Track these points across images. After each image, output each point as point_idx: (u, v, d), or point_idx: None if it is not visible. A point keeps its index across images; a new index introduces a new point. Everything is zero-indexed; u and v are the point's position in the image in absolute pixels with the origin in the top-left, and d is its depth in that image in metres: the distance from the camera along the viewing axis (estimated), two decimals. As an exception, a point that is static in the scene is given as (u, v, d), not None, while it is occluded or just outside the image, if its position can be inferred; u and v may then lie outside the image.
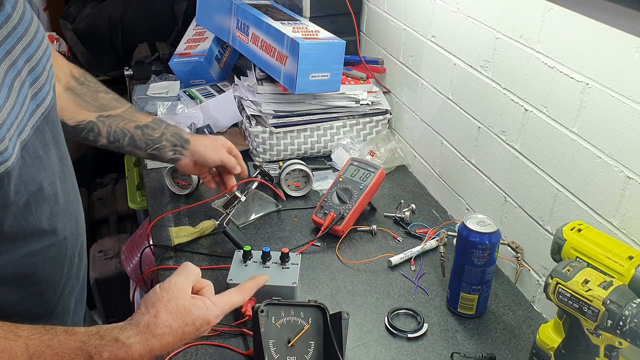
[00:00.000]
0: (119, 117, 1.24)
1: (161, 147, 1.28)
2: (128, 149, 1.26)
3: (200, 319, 0.82)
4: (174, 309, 0.79)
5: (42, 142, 0.85)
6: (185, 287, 0.83)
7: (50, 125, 0.88)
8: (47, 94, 0.87)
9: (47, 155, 0.86)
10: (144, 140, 1.26)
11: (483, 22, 1.28)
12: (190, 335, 0.81)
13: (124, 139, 1.24)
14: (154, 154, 1.28)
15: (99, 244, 2.41)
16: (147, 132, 1.27)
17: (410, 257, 1.33)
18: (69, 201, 0.92)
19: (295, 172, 1.53)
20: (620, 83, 0.95)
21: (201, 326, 0.82)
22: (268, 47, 1.63)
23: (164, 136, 1.29)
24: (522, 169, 1.22)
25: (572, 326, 0.89)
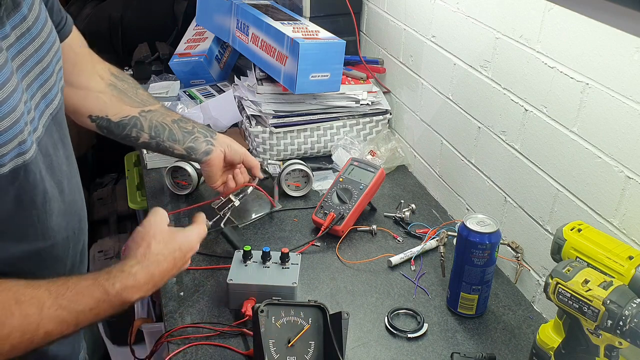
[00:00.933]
0: (157, 112, 1.25)
1: (195, 139, 1.28)
2: (167, 144, 1.26)
3: (185, 244, 0.93)
4: (161, 239, 0.90)
5: (51, 141, 0.87)
6: (163, 222, 0.94)
7: (57, 125, 0.90)
8: (56, 95, 0.89)
9: (56, 154, 0.88)
10: (181, 133, 1.26)
11: (483, 22, 1.28)
12: (180, 262, 0.92)
13: (164, 133, 1.24)
14: (191, 146, 1.27)
15: (99, 244, 2.41)
16: (182, 125, 1.28)
17: (410, 257, 1.33)
18: (74, 200, 0.94)
19: (295, 172, 1.53)
20: (620, 83, 0.95)
21: (187, 251, 0.94)
22: (268, 47, 1.63)
23: (195, 128, 1.29)
24: (522, 169, 1.22)
25: (572, 326, 0.89)
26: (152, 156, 1.64)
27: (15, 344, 0.72)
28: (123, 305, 0.82)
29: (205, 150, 1.29)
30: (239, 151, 1.33)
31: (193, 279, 1.25)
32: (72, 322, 0.77)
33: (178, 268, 0.93)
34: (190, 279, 1.25)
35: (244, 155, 1.34)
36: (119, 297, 0.81)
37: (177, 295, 1.21)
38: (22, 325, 0.73)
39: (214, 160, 1.30)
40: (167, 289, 1.22)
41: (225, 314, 1.16)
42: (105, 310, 0.81)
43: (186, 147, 1.27)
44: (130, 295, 0.82)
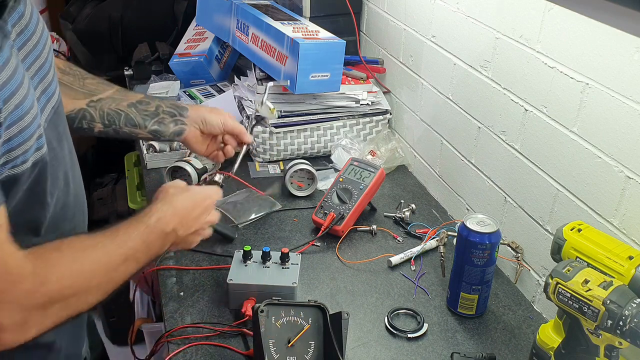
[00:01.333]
0: (110, 98, 1.19)
1: (160, 121, 1.21)
2: (126, 129, 1.20)
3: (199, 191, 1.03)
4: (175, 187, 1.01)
5: (56, 134, 0.87)
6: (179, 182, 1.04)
7: (60, 119, 0.90)
8: (55, 88, 0.90)
9: (61, 147, 0.89)
10: (140, 116, 1.20)
11: (483, 22, 1.28)
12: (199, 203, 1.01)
13: (119, 119, 1.19)
14: (156, 129, 1.22)
15: (99, 244, 2.40)
16: (142, 107, 1.21)
17: (410, 257, 1.33)
18: (78, 193, 0.95)
19: (301, 172, 1.53)
20: (620, 83, 0.95)
21: (204, 197, 1.02)
22: (268, 47, 1.63)
23: (160, 108, 1.22)
24: (522, 169, 1.22)
25: (572, 326, 0.89)
26: (152, 156, 1.64)
27: (100, 282, 0.82)
28: (165, 236, 0.93)
29: (175, 130, 1.23)
30: (215, 123, 1.25)
31: (193, 279, 1.25)
32: (132, 257, 0.87)
33: (200, 209, 1.01)
34: (190, 279, 1.25)
35: (224, 124, 1.26)
36: (158, 227, 0.92)
37: (177, 295, 1.21)
38: (100, 265, 0.82)
39: (189, 139, 1.25)
40: (167, 289, 1.22)
41: (225, 314, 1.16)
42: (153, 242, 0.91)
43: (150, 131, 1.22)
44: (165, 224, 0.93)
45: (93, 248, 0.83)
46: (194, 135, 1.25)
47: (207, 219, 1.03)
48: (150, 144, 1.65)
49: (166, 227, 0.93)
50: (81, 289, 0.79)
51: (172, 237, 0.95)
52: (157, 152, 1.65)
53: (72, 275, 0.78)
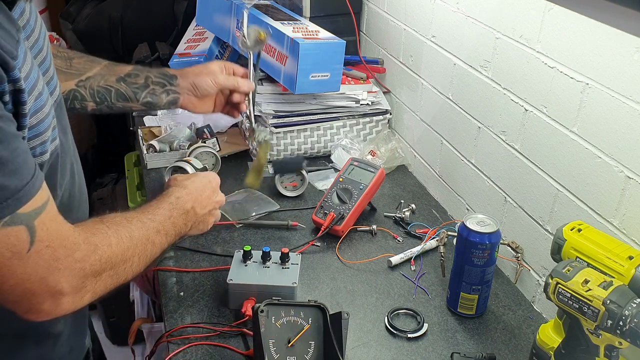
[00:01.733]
0: (98, 75, 1.19)
1: (152, 92, 1.21)
2: (119, 104, 1.20)
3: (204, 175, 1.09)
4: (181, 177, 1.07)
5: (61, 127, 0.88)
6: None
7: (62, 111, 0.92)
8: (57, 82, 0.90)
9: (66, 139, 0.90)
10: (131, 90, 1.20)
11: (483, 22, 1.28)
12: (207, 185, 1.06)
13: (110, 95, 1.19)
14: (149, 101, 1.21)
15: (99, 244, 2.40)
16: (131, 80, 1.21)
17: (410, 257, 1.33)
18: (81, 184, 0.97)
19: (290, 172, 1.53)
20: (620, 83, 0.95)
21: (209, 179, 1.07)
22: (268, 47, 1.63)
23: (149, 79, 1.22)
24: (522, 169, 1.22)
25: (572, 326, 0.89)
26: (152, 156, 1.64)
27: (140, 253, 0.86)
28: (186, 213, 0.99)
29: (169, 100, 1.23)
30: (207, 85, 1.24)
31: (193, 279, 1.25)
32: (163, 231, 0.92)
33: (210, 189, 1.06)
34: (190, 279, 1.25)
35: (216, 83, 1.25)
36: (179, 204, 0.98)
37: (177, 295, 1.21)
38: (139, 236, 0.87)
39: (186, 105, 1.26)
40: (167, 289, 1.22)
41: (225, 314, 1.16)
42: (177, 218, 0.96)
43: (143, 103, 1.21)
44: (184, 202, 0.99)
45: (130, 221, 0.88)
46: (190, 102, 1.25)
47: (217, 198, 1.08)
48: (150, 144, 1.65)
49: (185, 204, 0.99)
50: (126, 256, 0.84)
51: (192, 216, 1.00)
52: (157, 152, 1.65)
53: (118, 244, 0.82)
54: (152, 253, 0.90)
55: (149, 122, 1.84)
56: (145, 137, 1.74)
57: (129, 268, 0.85)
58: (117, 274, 0.83)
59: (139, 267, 0.87)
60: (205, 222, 1.06)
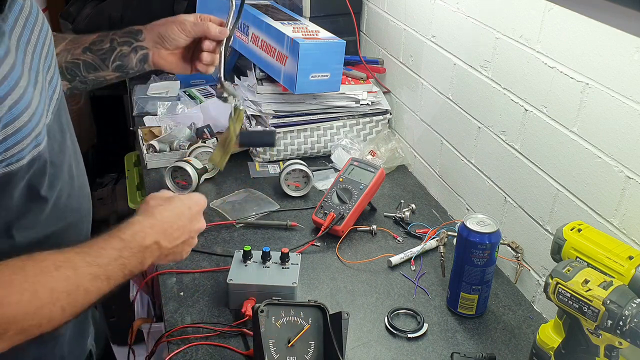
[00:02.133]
0: (64, 51, 1.12)
1: (120, 54, 1.13)
2: (91, 77, 1.13)
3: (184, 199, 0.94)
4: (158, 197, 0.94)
5: (59, 126, 0.87)
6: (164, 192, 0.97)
7: (63, 109, 0.91)
8: (58, 79, 0.89)
9: (64, 138, 0.89)
10: (99, 57, 1.12)
11: (483, 22, 1.28)
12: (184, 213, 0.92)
13: (79, 68, 1.11)
14: (118, 64, 1.13)
15: (99, 244, 2.40)
16: (97, 48, 1.13)
17: (410, 257, 1.33)
18: (83, 183, 0.96)
19: (295, 172, 1.53)
20: (620, 83, 0.95)
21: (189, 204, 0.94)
22: (268, 47, 1.63)
23: (115, 42, 1.13)
24: (522, 169, 1.22)
25: (572, 326, 0.89)
26: (152, 156, 1.64)
27: (64, 305, 0.76)
28: (142, 250, 0.85)
29: (139, 58, 1.14)
30: (174, 34, 1.15)
31: (193, 279, 1.25)
32: (103, 276, 0.80)
33: (186, 218, 0.93)
34: (190, 279, 1.25)
35: (183, 31, 1.15)
36: (134, 241, 0.85)
37: (177, 295, 1.21)
38: (65, 287, 0.76)
39: (158, 62, 1.16)
40: (167, 289, 1.22)
41: (225, 314, 1.16)
42: (129, 259, 0.83)
43: (114, 68, 1.13)
44: (142, 238, 0.86)
45: (59, 268, 0.77)
46: (161, 56, 1.16)
47: (195, 226, 0.95)
48: (150, 144, 1.65)
49: (144, 240, 0.86)
50: (41, 314, 0.74)
51: (154, 251, 0.88)
52: (157, 152, 1.65)
53: (30, 302, 0.72)
54: (86, 300, 0.79)
55: (149, 122, 1.84)
56: (145, 137, 1.74)
57: (47, 323, 0.75)
58: (26, 330, 0.73)
59: (62, 320, 0.77)
60: (176, 253, 0.93)
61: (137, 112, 1.92)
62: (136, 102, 1.94)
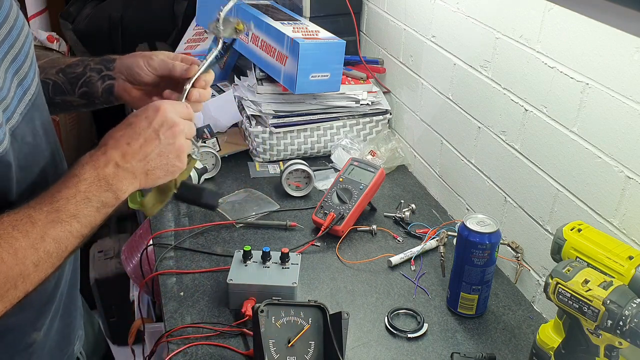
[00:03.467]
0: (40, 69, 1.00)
1: (88, 81, 1.05)
2: (58, 99, 1.05)
3: (148, 109, 0.83)
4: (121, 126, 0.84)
5: (31, 129, 0.84)
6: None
7: (38, 112, 0.87)
8: (32, 80, 0.86)
9: (36, 142, 0.85)
10: (68, 80, 1.05)
11: (483, 22, 1.28)
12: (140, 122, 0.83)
13: (48, 89, 1.04)
14: (84, 91, 1.05)
15: (99, 244, 2.41)
16: (70, 70, 1.06)
17: (410, 257, 1.33)
18: None
19: (297, 172, 1.53)
20: (620, 83, 0.95)
21: (142, 112, 0.83)
22: (268, 47, 1.63)
23: (88, 67, 1.05)
24: (522, 169, 1.22)
25: (572, 326, 0.89)
26: (152, 156, 1.64)
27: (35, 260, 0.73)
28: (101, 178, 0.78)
29: (105, 88, 1.05)
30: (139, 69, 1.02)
31: (193, 279, 1.25)
32: (67, 217, 0.75)
33: (143, 126, 0.83)
34: (190, 279, 1.25)
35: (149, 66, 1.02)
36: (86, 172, 0.78)
37: (177, 295, 1.21)
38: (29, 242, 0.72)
39: (122, 95, 1.05)
40: (167, 289, 1.22)
41: (225, 314, 1.16)
42: (89, 191, 0.77)
43: (80, 95, 1.05)
44: (94, 165, 0.79)
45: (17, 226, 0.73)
46: (124, 89, 1.04)
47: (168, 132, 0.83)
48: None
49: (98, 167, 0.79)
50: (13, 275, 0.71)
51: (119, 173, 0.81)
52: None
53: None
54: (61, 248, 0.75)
55: (149, 122, 1.84)
56: (145, 137, 1.74)
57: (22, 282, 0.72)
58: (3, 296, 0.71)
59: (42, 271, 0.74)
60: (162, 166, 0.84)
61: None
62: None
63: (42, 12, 2.78)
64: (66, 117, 2.69)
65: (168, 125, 0.84)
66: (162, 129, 0.83)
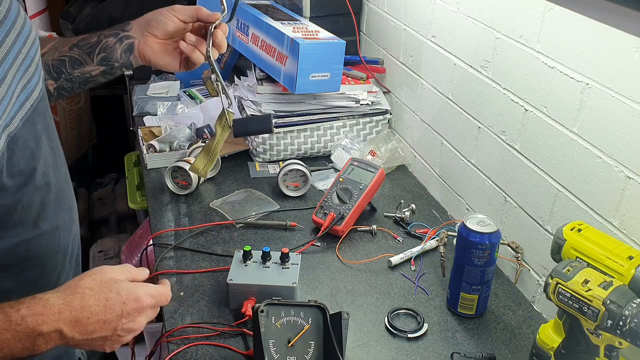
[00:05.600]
0: (52, 49, 1.08)
1: (105, 46, 1.07)
2: (77, 73, 1.08)
3: (125, 290, 0.80)
4: (98, 278, 0.80)
5: (33, 133, 0.85)
6: (116, 273, 0.83)
7: (40, 116, 0.87)
8: (36, 85, 0.87)
9: (38, 146, 0.86)
10: (84, 52, 1.07)
11: (483, 22, 1.28)
12: (116, 308, 0.79)
13: (65, 65, 1.07)
14: (103, 56, 1.07)
15: (99, 244, 2.41)
16: (83, 43, 1.08)
17: (410, 257, 1.33)
18: (62, 190, 0.93)
19: (293, 172, 1.53)
20: (620, 83, 0.95)
21: (128, 299, 0.80)
22: (268, 47, 1.63)
23: (102, 35, 1.08)
24: (522, 169, 1.22)
25: (572, 326, 0.89)
26: (152, 156, 1.64)
27: None
28: (31, 337, 0.73)
29: (124, 48, 1.07)
30: (165, 17, 1.07)
31: (193, 279, 1.25)
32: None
33: (114, 315, 0.79)
34: (190, 279, 1.25)
35: (175, 13, 1.08)
36: (23, 324, 0.72)
37: (177, 295, 1.21)
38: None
39: (145, 52, 1.08)
40: (167, 289, 1.22)
41: (225, 314, 1.16)
42: (9, 342, 0.72)
43: (99, 61, 1.07)
44: (38, 323, 0.73)
45: None
46: (148, 44, 1.07)
47: (125, 325, 0.81)
48: (150, 144, 1.65)
49: (39, 326, 0.73)
50: None
51: (54, 339, 0.75)
52: (157, 152, 1.65)
53: None
54: None
55: (149, 122, 1.85)
56: (145, 137, 1.74)
57: None
58: None
59: None
60: (91, 345, 0.79)
61: (137, 112, 1.92)
62: (136, 102, 1.94)
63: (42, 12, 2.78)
64: (66, 117, 2.69)
65: (129, 329, 0.82)
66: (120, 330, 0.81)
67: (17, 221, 0.84)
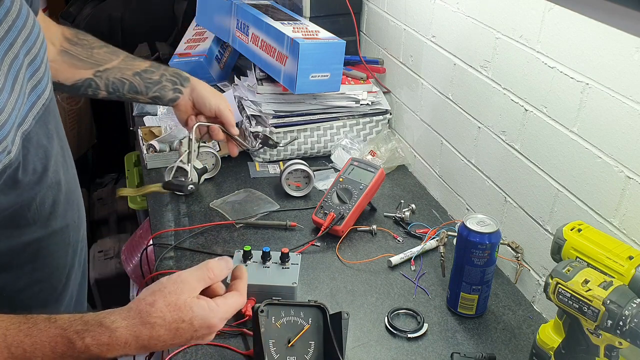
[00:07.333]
0: (116, 68, 1.25)
1: (162, 88, 1.29)
2: (129, 96, 1.27)
3: (199, 319, 0.75)
4: (172, 302, 0.74)
5: (45, 132, 0.87)
6: (195, 286, 0.78)
7: (52, 115, 0.90)
8: (47, 85, 0.88)
9: (51, 145, 0.88)
10: (143, 84, 1.27)
11: (483, 22, 1.28)
12: (186, 335, 0.75)
13: (124, 87, 1.25)
14: (156, 95, 1.29)
15: (99, 244, 2.41)
16: (146, 76, 1.28)
17: (410, 257, 1.33)
18: (71, 189, 0.95)
19: (296, 172, 1.53)
20: (620, 83, 0.95)
21: (200, 327, 0.76)
22: (268, 47, 1.63)
23: (164, 77, 1.30)
24: (522, 169, 1.22)
25: (572, 326, 0.89)
26: (152, 156, 1.64)
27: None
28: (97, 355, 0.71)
29: (172, 98, 1.31)
30: (210, 104, 1.32)
31: (193, 279, 1.25)
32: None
33: (184, 340, 0.76)
34: (190, 279, 1.25)
35: (216, 109, 1.32)
36: (87, 353, 0.70)
37: (177, 295, 1.21)
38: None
39: (179, 106, 1.33)
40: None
41: (225, 314, 1.16)
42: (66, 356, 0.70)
43: (151, 97, 1.29)
44: (103, 352, 0.71)
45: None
46: (185, 105, 1.33)
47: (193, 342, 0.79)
48: (150, 144, 1.65)
49: (106, 354, 0.72)
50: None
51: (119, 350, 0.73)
52: (157, 152, 1.65)
53: None
54: None
55: (149, 122, 1.85)
56: (145, 137, 1.74)
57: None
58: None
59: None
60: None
61: (137, 112, 1.92)
62: (136, 102, 1.94)
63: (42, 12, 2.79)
64: (66, 117, 2.69)
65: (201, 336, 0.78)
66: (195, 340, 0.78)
67: (30, 220, 0.85)
